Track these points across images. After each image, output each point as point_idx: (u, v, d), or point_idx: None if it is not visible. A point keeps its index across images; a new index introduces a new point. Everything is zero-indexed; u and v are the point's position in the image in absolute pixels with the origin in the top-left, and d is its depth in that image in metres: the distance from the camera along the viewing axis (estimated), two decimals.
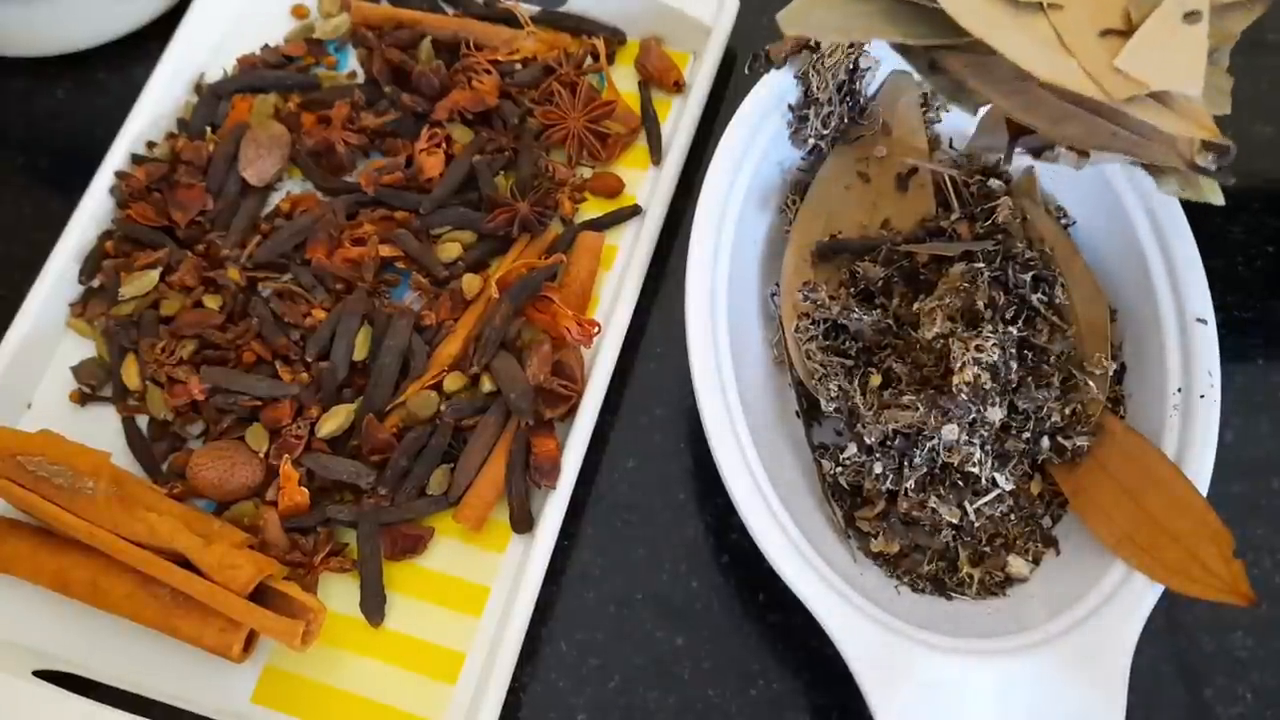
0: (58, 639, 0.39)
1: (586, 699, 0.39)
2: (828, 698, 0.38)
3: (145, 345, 0.43)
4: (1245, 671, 0.39)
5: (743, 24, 0.49)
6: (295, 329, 0.43)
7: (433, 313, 0.43)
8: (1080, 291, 0.40)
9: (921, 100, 0.44)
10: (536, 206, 0.45)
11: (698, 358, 0.37)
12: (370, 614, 0.39)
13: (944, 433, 0.36)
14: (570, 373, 0.41)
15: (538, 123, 0.47)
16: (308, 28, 0.51)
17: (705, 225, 0.39)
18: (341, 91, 0.48)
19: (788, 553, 0.34)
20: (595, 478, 0.42)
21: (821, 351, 0.40)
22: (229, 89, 0.49)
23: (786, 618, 0.39)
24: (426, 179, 0.46)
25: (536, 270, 0.42)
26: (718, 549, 0.41)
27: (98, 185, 0.46)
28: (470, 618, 0.39)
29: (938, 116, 0.44)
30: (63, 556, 0.39)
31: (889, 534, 0.38)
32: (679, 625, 0.40)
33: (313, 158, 0.47)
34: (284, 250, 0.45)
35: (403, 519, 0.40)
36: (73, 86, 0.52)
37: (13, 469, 0.38)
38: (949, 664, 0.34)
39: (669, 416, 0.43)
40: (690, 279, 0.38)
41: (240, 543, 0.38)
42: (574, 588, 0.40)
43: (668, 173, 0.46)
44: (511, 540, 0.41)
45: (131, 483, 0.39)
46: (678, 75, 0.48)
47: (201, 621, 0.37)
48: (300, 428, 0.41)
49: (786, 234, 0.42)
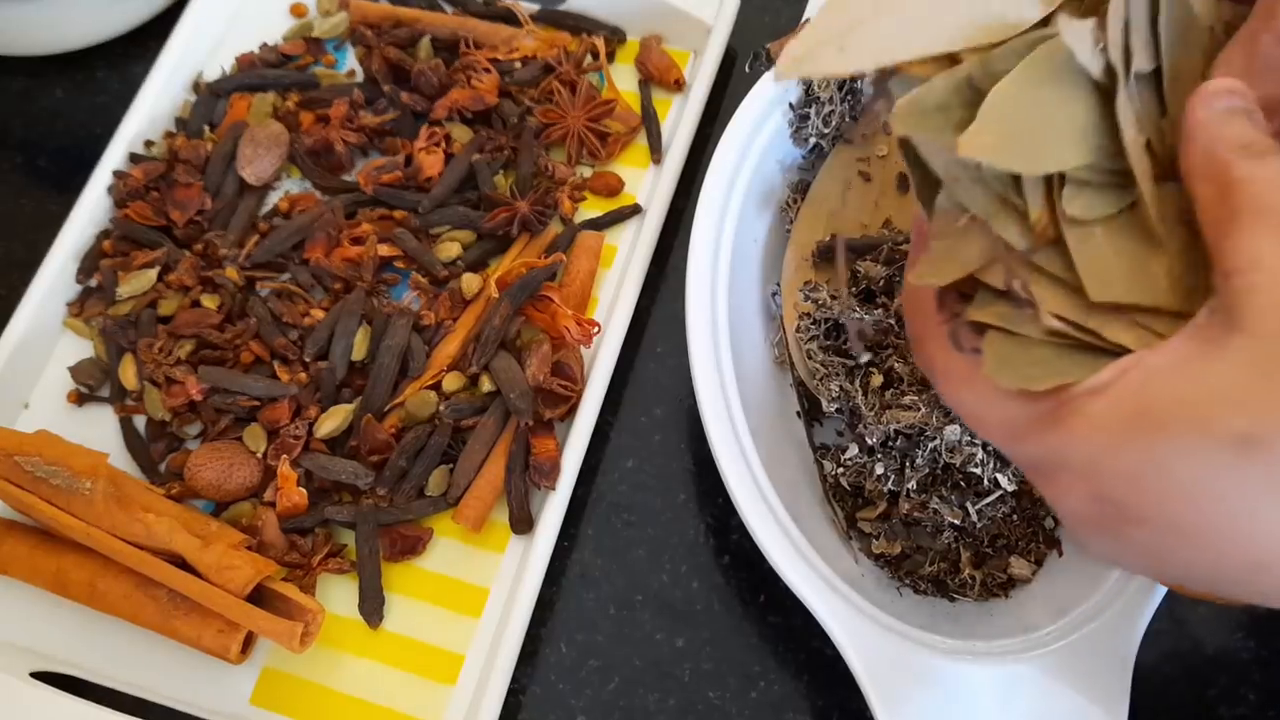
0: (56, 640, 0.39)
1: (586, 700, 0.39)
2: (828, 699, 0.38)
3: (143, 345, 0.42)
4: (1248, 672, 0.38)
5: (743, 23, 0.48)
6: (293, 329, 0.43)
7: (432, 312, 0.43)
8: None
9: None
10: (536, 206, 0.45)
11: (698, 358, 0.37)
12: (369, 615, 0.39)
13: (946, 433, 0.36)
14: (570, 373, 0.41)
15: (537, 121, 0.47)
16: (306, 26, 0.51)
17: (705, 225, 0.39)
18: (340, 90, 0.48)
19: (789, 554, 0.34)
20: (595, 478, 0.42)
21: (823, 351, 0.39)
22: (227, 88, 0.49)
23: (787, 619, 0.39)
24: (426, 178, 0.46)
25: (536, 270, 0.42)
26: (718, 549, 0.41)
27: (96, 184, 0.46)
28: (469, 619, 0.39)
29: None
30: (60, 557, 0.39)
31: (890, 535, 0.38)
32: (679, 626, 0.40)
33: (311, 157, 0.47)
34: (282, 250, 0.44)
35: (401, 520, 0.40)
36: (71, 85, 0.52)
37: (10, 469, 0.38)
38: (951, 665, 0.34)
39: (669, 416, 0.43)
40: (690, 279, 0.38)
41: (238, 543, 0.38)
42: (574, 588, 0.40)
43: (668, 172, 0.45)
44: (511, 541, 0.40)
45: (129, 483, 0.39)
46: (678, 74, 0.48)
47: (200, 622, 0.37)
48: (298, 428, 0.41)
49: (787, 233, 0.42)
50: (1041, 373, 0.24)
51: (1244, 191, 0.23)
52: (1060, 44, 0.24)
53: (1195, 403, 0.22)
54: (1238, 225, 0.23)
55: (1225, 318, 0.22)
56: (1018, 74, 0.24)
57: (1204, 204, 0.24)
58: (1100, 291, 0.24)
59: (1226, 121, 0.24)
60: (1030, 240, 0.25)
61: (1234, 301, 0.22)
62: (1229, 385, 0.22)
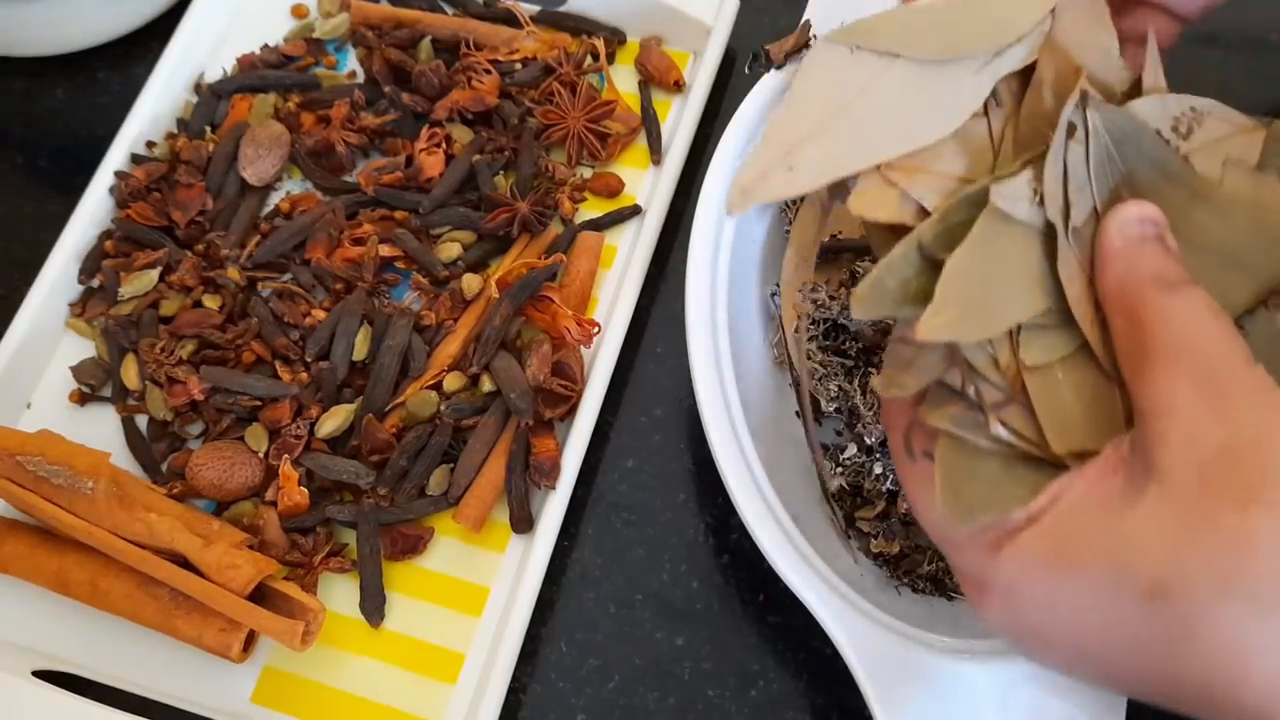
0: (57, 639, 0.39)
1: (586, 699, 0.39)
2: (827, 698, 0.38)
3: (145, 345, 0.43)
4: None
5: (743, 24, 0.48)
6: (295, 329, 0.43)
7: (432, 313, 0.43)
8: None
9: None
10: (536, 206, 0.45)
11: (698, 358, 0.37)
12: (370, 614, 0.39)
13: None
14: (570, 373, 0.41)
15: (538, 122, 0.47)
16: (307, 27, 0.51)
17: (705, 225, 0.39)
18: (341, 91, 0.48)
19: (788, 553, 0.34)
20: (595, 478, 0.42)
21: (822, 351, 0.40)
22: (229, 88, 0.49)
23: (786, 618, 0.39)
24: (426, 179, 0.46)
25: (536, 270, 0.42)
26: (718, 549, 0.41)
27: (97, 185, 0.46)
28: (470, 618, 0.39)
29: None
30: (62, 556, 0.39)
31: (889, 534, 0.38)
32: (679, 625, 0.40)
33: (312, 157, 0.47)
34: (284, 250, 0.45)
35: (402, 519, 0.40)
36: (73, 86, 0.52)
37: (12, 469, 0.38)
38: (949, 664, 0.34)
39: (669, 416, 0.43)
40: (690, 279, 0.38)
41: (240, 543, 0.38)
42: (574, 588, 0.40)
43: (668, 172, 0.46)
44: (511, 540, 0.40)
45: (131, 483, 0.39)
46: (678, 75, 0.48)
47: (201, 621, 0.37)
48: (300, 428, 0.41)
49: (787, 233, 0.42)
50: (987, 497, 0.25)
51: (1157, 328, 0.23)
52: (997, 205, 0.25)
53: (1112, 547, 0.23)
54: (1151, 364, 0.23)
55: (1143, 459, 0.23)
56: (967, 245, 0.25)
57: (1119, 335, 0.24)
58: (1061, 443, 0.25)
59: (1140, 249, 0.24)
60: (1005, 388, 0.25)
61: (1149, 444, 0.23)
62: (1143, 534, 0.22)
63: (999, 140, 0.27)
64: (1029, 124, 0.27)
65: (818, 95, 0.28)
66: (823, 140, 0.27)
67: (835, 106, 0.27)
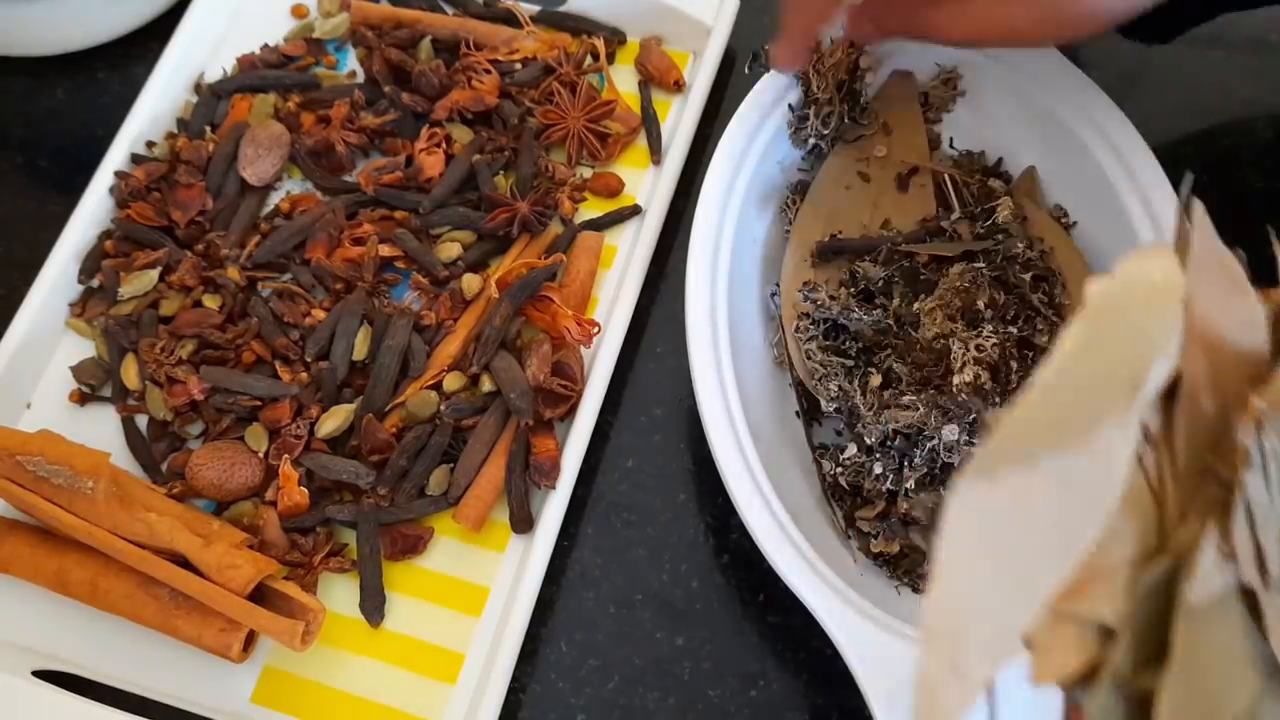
0: (58, 639, 0.39)
1: (586, 699, 0.39)
2: (827, 698, 0.38)
3: (145, 345, 0.43)
4: None
5: (743, 24, 0.49)
6: (295, 329, 0.43)
7: (432, 313, 0.43)
8: (1080, 291, 0.40)
9: (922, 100, 0.44)
10: (536, 206, 0.45)
11: (698, 358, 0.37)
12: (370, 614, 0.39)
13: (944, 433, 0.36)
14: (570, 373, 0.41)
15: (538, 122, 0.47)
16: (307, 27, 0.51)
17: (705, 225, 0.39)
18: (341, 91, 0.48)
19: (788, 553, 0.34)
20: (595, 478, 0.42)
21: (822, 351, 0.40)
22: (228, 88, 0.49)
23: (786, 618, 0.39)
24: (426, 179, 0.46)
25: (536, 270, 0.42)
26: (718, 549, 0.41)
27: (97, 185, 0.46)
28: (470, 618, 0.39)
29: (938, 116, 0.44)
30: (62, 556, 0.39)
31: (889, 534, 0.38)
32: (679, 625, 0.40)
33: (312, 157, 0.47)
34: (284, 250, 0.45)
35: (402, 519, 0.40)
36: (72, 86, 0.52)
37: (12, 469, 0.38)
38: None
39: (669, 416, 0.43)
40: (690, 279, 0.38)
41: (240, 543, 0.38)
42: (574, 588, 0.40)
43: (668, 172, 0.46)
44: (511, 540, 0.40)
45: (131, 483, 0.39)
46: (678, 75, 0.48)
47: (201, 621, 0.37)
48: (300, 427, 0.41)
49: (786, 234, 0.42)
50: None
51: None
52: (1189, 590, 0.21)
53: None
54: None
55: None
56: (1174, 672, 0.21)
57: None
58: None
59: None
60: None
61: None
62: None
63: (1157, 480, 0.22)
64: (1189, 442, 0.22)
65: (966, 553, 0.22)
66: (983, 614, 0.22)
67: (987, 560, 0.21)
